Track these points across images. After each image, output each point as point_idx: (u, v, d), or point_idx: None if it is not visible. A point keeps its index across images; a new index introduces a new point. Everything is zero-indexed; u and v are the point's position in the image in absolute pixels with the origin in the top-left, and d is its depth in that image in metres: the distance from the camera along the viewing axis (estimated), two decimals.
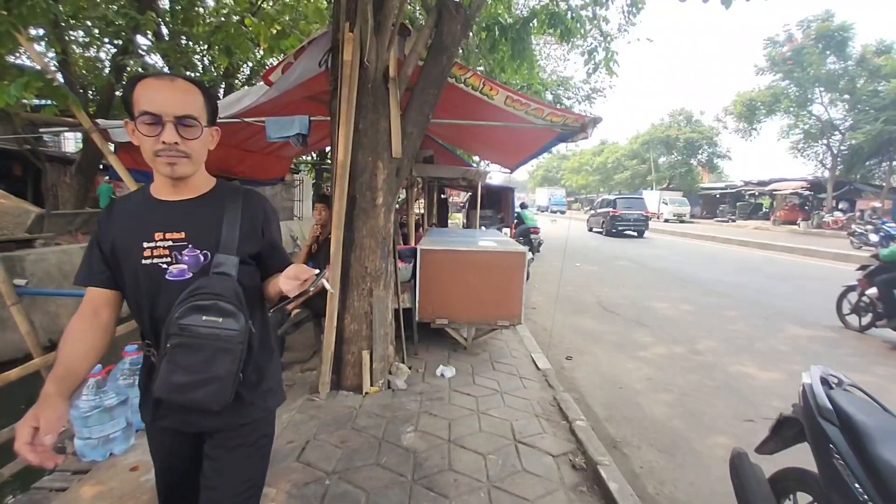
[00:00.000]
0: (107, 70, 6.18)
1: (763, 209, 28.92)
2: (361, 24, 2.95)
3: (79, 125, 3.50)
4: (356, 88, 3.00)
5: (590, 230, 21.30)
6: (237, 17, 5.69)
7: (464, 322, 4.02)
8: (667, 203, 29.45)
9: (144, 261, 1.10)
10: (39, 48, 4.89)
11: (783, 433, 1.66)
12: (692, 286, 8.18)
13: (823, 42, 20.19)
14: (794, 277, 9.10)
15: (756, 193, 29.07)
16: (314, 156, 9.07)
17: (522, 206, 11.24)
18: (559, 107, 9.88)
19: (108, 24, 4.51)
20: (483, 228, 7.97)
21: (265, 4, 6.49)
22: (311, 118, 3.40)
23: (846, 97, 20.65)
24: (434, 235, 5.31)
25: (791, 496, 1.67)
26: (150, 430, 1.24)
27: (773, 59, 22.02)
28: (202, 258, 1.12)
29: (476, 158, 10.16)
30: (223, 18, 5.86)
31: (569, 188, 50.51)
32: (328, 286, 1.09)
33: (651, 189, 34.25)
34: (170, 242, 1.11)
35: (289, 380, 3.48)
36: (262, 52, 6.58)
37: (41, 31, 4.70)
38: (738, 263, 11.10)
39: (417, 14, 6.54)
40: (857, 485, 1.23)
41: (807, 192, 24.22)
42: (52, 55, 5.33)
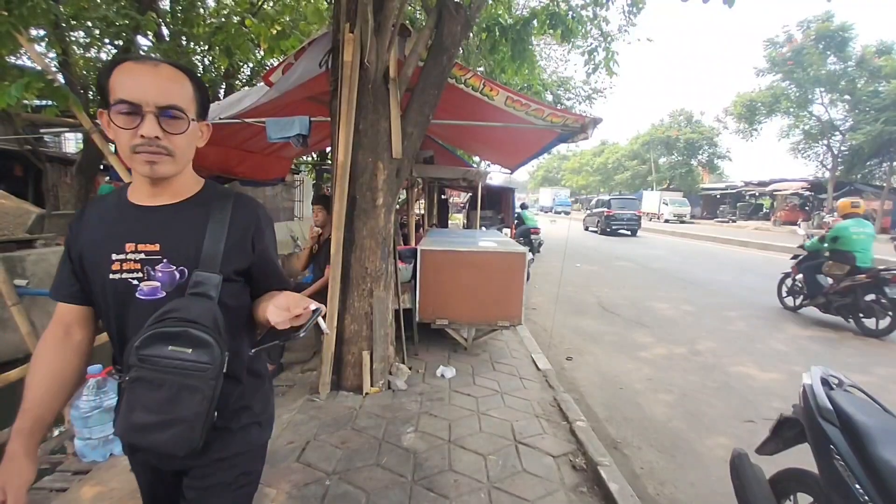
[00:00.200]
0: None
1: (763, 210, 28.91)
2: (362, 25, 2.95)
3: (79, 126, 3.51)
4: (356, 89, 3.00)
5: (586, 229, 21.92)
6: (237, 18, 5.69)
7: (464, 322, 4.02)
8: (667, 203, 29.47)
9: (112, 275, 0.96)
10: (40, 49, 4.89)
11: (783, 434, 1.66)
12: (692, 286, 8.18)
13: (823, 42, 20.20)
14: None
15: (756, 194, 29.07)
16: (314, 156, 9.07)
17: (523, 207, 11.24)
18: (559, 107, 9.90)
19: (109, 25, 4.52)
20: (483, 229, 7.97)
21: (265, 5, 6.50)
22: (312, 119, 3.40)
23: (846, 98, 20.64)
24: (434, 236, 5.31)
25: (791, 497, 1.67)
26: (130, 462, 1.13)
27: (773, 60, 22.02)
28: (178, 275, 0.97)
29: (476, 159, 10.17)
30: (223, 19, 5.86)
31: (569, 189, 50.35)
32: (324, 326, 0.95)
33: (651, 189, 34.28)
34: (142, 255, 0.96)
35: (289, 380, 3.49)
36: (263, 53, 6.59)
37: (42, 32, 4.71)
38: (739, 264, 11.09)
39: (418, 15, 6.55)
40: (858, 485, 1.23)
41: (807, 193, 24.22)
42: (53, 56, 5.34)
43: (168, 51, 5.46)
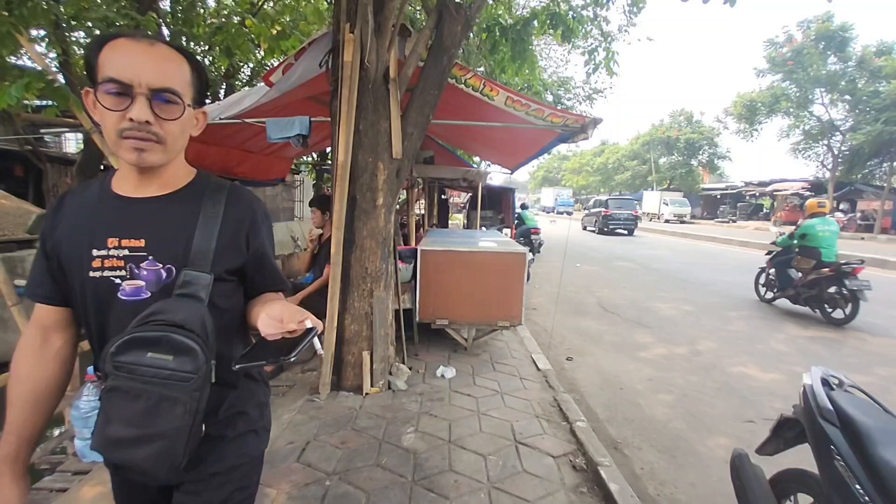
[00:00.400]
0: None
1: (764, 210, 28.90)
2: (362, 25, 2.95)
3: (80, 126, 3.51)
4: (356, 89, 3.00)
5: (584, 229, 22.44)
6: (238, 18, 5.70)
7: (464, 323, 4.02)
8: (667, 204, 29.50)
9: (92, 273, 0.87)
10: (40, 49, 4.90)
11: (784, 434, 1.66)
12: (693, 287, 8.18)
13: (823, 42, 20.20)
14: None
15: (757, 194, 29.07)
16: (315, 156, 9.07)
17: (523, 207, 11.25)
18: (559, 108, 9.90)
19: (110, 25, 4.51)
20: (483, 229, 7.97)
21: (266, 5, 6.51)
22: (312, 119, 3.40)
23: (847, 98, 20.63)
24: (434, 236, 5.31)
25: (792, 497, 1.67)
26: (112, 478, 1.02)
27: (773, 60, 22.01)
28: (164, 274, 0.89)
29: (476, 159, 10.17)
30: (224, 19, 5.86)
31: (571, 189, 50.10)
32: (318, 347, 0.85)
33: (652, 190, 34.28)
34: (125, 251, 0.88)
35: (289, 380, 3.49)
36: (263, 53, 6.60)
37: (42, 32, 4.71)
38: (739, 264, 11.08)
39: (418, 15, 6.55)
40: (858, 486, 1.22)
41: (808, 193, 24.17)
42: (53, 56, 5.34)
43: None
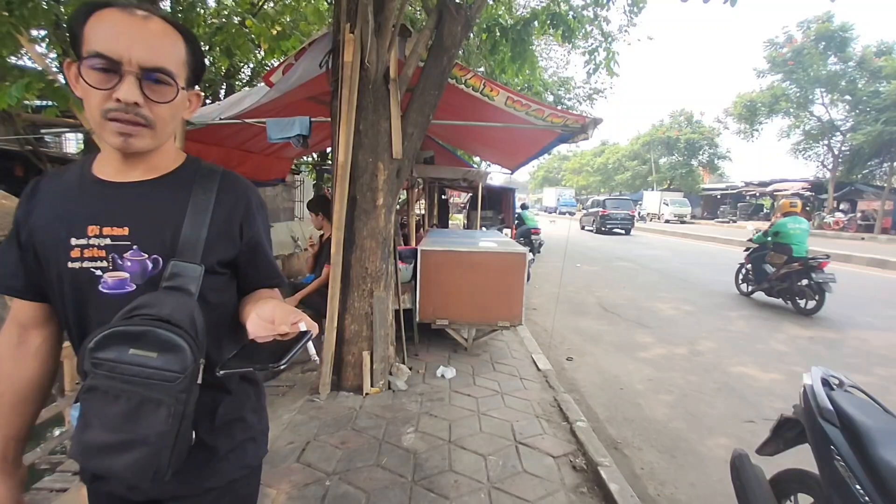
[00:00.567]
0: None
1: (764, 210, 28.89)
2: (362, 26, 2.95)
3: (80, 126, 3.51)
4: (357, 89, 3.00)
5: (582, 228, 22.83)
6: (238, 19, 5.70)
7: (464, 323, 4.02)
8: (668, 204, 29.51)
9: (71, 263, 0.80)
10: (41, 49, 4.90)
11: (784, 434, 1.66)
12: (693, 287, 8.17)
13: (824, 43, 20.20)
14: None
15: (757, 194, 29.05)
16: (315, 157, 9.07)
17: (523, 207, 11.25)
18: (560, 108, 9.90)
19: None
20: (484, 229, 7.97)
21: (266, 5, 6.51)
22: (312, 119, 3.40)
23: (847, 98, 20.63)
24: (435, 236, 5.31)
25: (792, 497, 1.67)
26: (89, 495, 0.92)
27: (774, 61, 22.01)
28: (150, 265, 0.82)
29: (477, 159, 10.16)
30: (224, 20, 5.86)
31: (574, 188, 49.65)
32: (313, 353, 0.80)
33: (652, 190, 34.28)
34: (107, 240, 0.81)
35: (289, 380, 3.49)
36: (263, 54, 6.60)
37: (42, 33, 4.72)
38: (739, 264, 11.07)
39: (418, 15, 6.55)
40: (858, 486, 1.22)
41: (808, 193, 24.20)
42: (54, 56, 5.34)
43: None
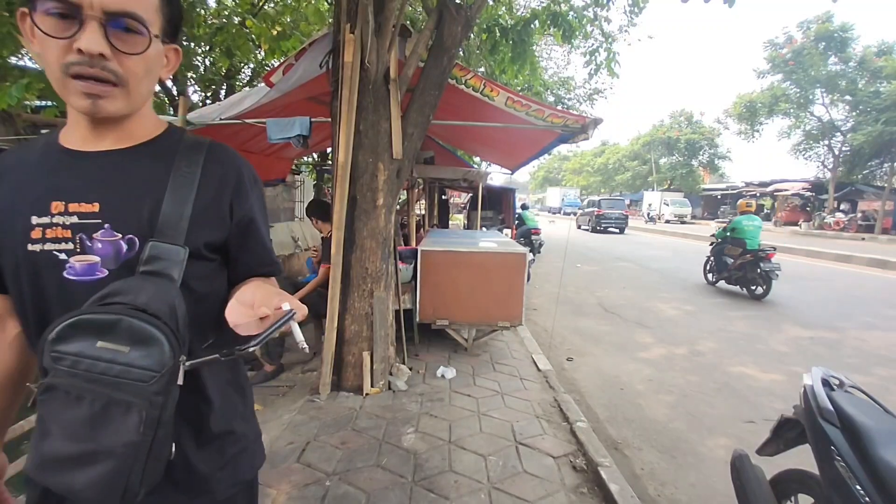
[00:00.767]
0: None
1: (764, 210, 28.90)
2: (362, 26, 2.95)
3: None
4: (357, 90, 3.00)
5: (578, 227, 23.41)
6: (238, 19, 5.70)
7: (464, 323, 4.02)
8: (668, 204, 29.50)
9: (31, 245, 0.68)
10: None
11: (784, 435, 1.66)
12: (693, 287, 8.18)
13: (824, 43, 20.20)
14: (795, 278, 9.07)
15: (757, 194, 29.03)
16: (315, 157, 9.07)
17: (523, 207, 11.25)
18: (560, 108, 9.90)
19: None
20: (484, 229, 7.97)
21: (266, 6, 6.51)
22: (312, 119, 3.40)
23: (847, 98, 20.63)
24: (435, 236, 5.31)
25: (792, 498, 1.67)
26: None
27: (774, 61, 22.02)
28: (124, 246, 0.70)
29: (477, 159, 10.16)
30: (224, 20, 5.87)
31: (578, 188, 49.00)
32: (300, 338, 0.67)
33: (652, 190, 34.27)
34: (74, 218, 0.69)
35: (289, 380, 3.49)
36: (263, 54, 6.60)
37: None
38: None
39: (418, 15, 6.55)
40: (859, 486, 1.22)
41: (808, 194, 24.21)
42: None
43: None
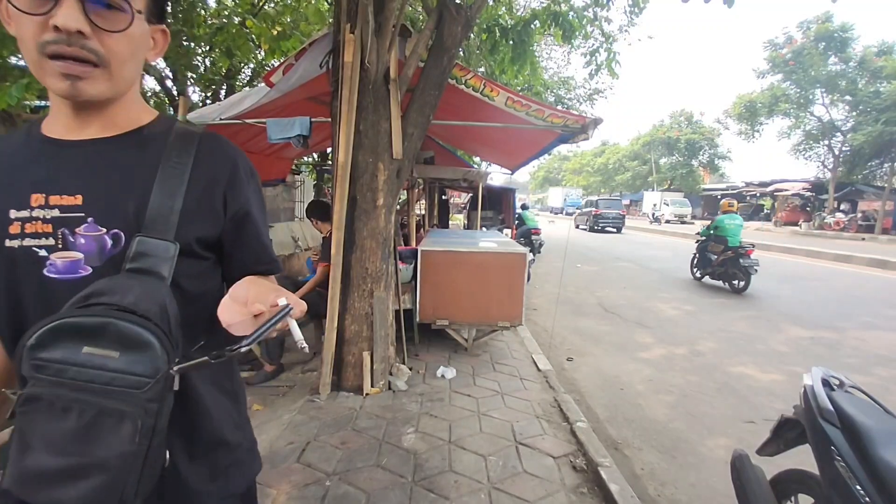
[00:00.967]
0: None
1: (764, 210, 28.90)
2: (362, 26, 2.95)
3: None
4: (357, 90, 3.00)
5: (576, 227, 23.66)
6: (238, 19, 5.70)
7: (464, 323, 4.02)
8: (668, 204, 29.51)
9: (9, 241, 0.64)
10: None
11: (784, 435, 1.66)
12: (693, 287, 8.18)
13: (824, 43, 20.21)
14: (796, 278, 9.08)
15: (757, 194, 29.06)
16: (315, 157, 9.07)
17: (524, 208, 11.25)
18: (560, 108, 9.90)
19: None
20: (484, 229, 7.97)
21: (266, 6, 6.51)
22: (312, 119, 3.41)
23: (847, 98, 20.64)
24: (435, 236, 5.31)
25: (792, 498, 1.67)
26: None
27: (774, 61, 22.03)
28: (109, 242, 0.66)
29: (477, 159, 10.16)
30: (224, 20, 5.87)
31: (581, 188, 48.03)
32: (298, 336, 0.62)
33: (652, 190, 34.28)
34: (55, 212, 0.65)
35: (290, 380, 3.49)
36: (263, 54, 6.61)
37: None
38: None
39: (418, 15, 6.55)
40: (859, 486, 1.22)
41: (808, 194, 24.21)
42: None
43: (169, 51, 5.47)
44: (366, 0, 2.91)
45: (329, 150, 7.28)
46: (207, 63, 7.04)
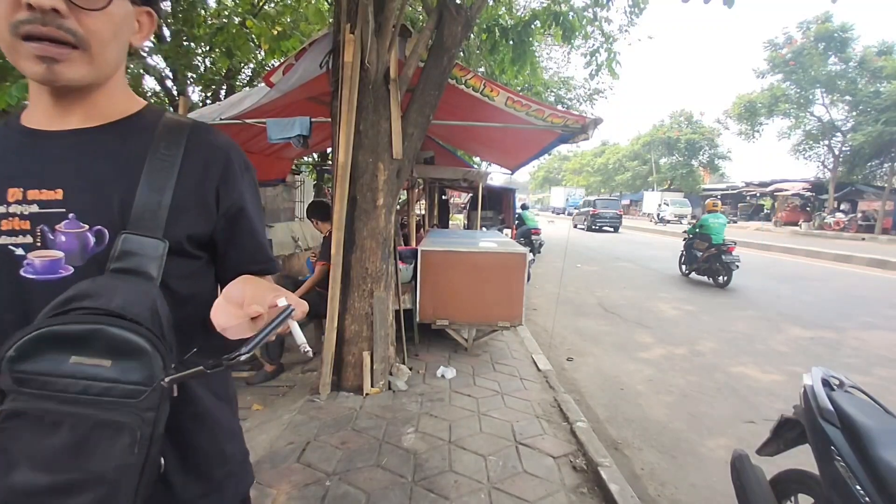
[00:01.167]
0: None
1: (764, 210, 28.88)
2: (362, 26, 2.95)
3: None
4: (357, 90, 3.00)
5: (574, 227, 24.05)
6: (238, 19, 5.71)
7: (464, 323, 4.02)
8: (668, 204, 29.50)
9: None
10: None
11: (784, 435, 1.66)
12: (692, 287, 8.18)
13: (824, 43, 20.21)
14: (795, 278, 9.09)
15: (757, 194, 29.05)
16: (315, 157, 9.08)
17: (523, 208, 11.25)
18: (560, 108, 9.90)
19: None
20: (484, 229, 7.97)
21: (266, 6, 6.52)
22: (312, 119, 3.41)
23: (847, 98, 20.64)
24: (435, 236, 5.31)
25: (792, 498, 1.67)
26: None
27: (774, 61, 22.03)
28: (92, 239, 0.62)
29: (477, 159, 10.17)
30: (225, 20, 5.87)
31: (584, 188, 47.39)
32: (300, 339, 0.59)
33: (652, 190, 34.28)
34: (34, 207, 0.61)
35: (289, 380, 3.49)
36: (264, 54, 6.61)
37: None
38: (740, 265, 11.07)
39: (418, 15, 6.55)
40: (859, 486, 1.22)
41: (808, 194, 24.21)
42: None
43: (168, 51, 5.47)
44: (366, 0, 2.92)
45: (329, 150, 7.28)
46: (207, 63, 7.05)
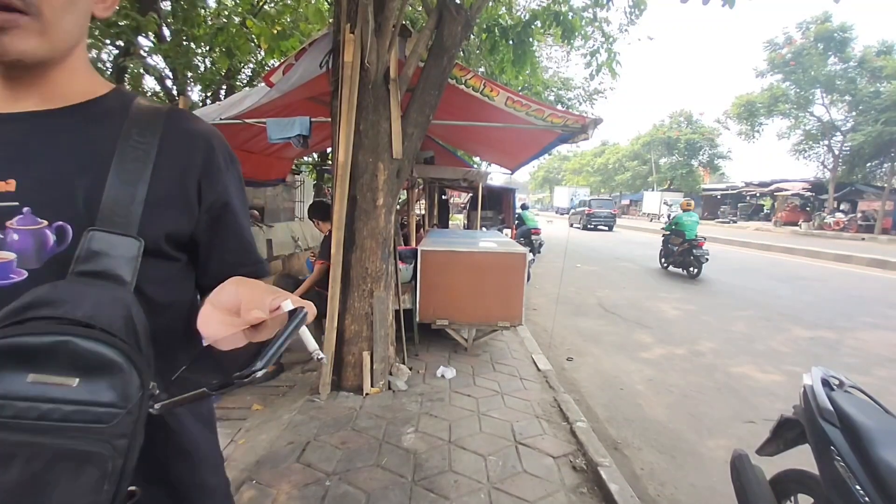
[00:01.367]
0: (108, 72, 6.20)
1: (764, 210, 28.89)
2: (362, 26, 2.95)
3: None
4: (357, 89, 3.00)
5: (570, 226, 24.61)
6: (238, 19, 5.71)
7: (464, 323, 4.02)
8: (668, 204, 29.51)
9: None
10: None
11: (784, 435, 1.66)
12: (692, 287, 8.17)
13: (823, 43, 20.22)
14: (795, 278, 9.09)
15: (757, 194, 29.05)
16: (315, 157, 9.08)
17: (523, 207, 11.24)
18: (560, 107, 9.91)
19: (110, 26, 4.52)
20: (484, 229, 7.97)
21: (266, 6, 6.52)
22: (312, 119, 3.41)
23: (847, 98, 20.64)
24: (435, 236, 5.31)
25: (792, 498, 1.67)
26: None
27: (774, 61, 22.03)
28: (51, 237, 0.53)
29: (477, 159, 10.17)
30: (225, 20, 5.87)
31: (588, 188, 46.28)
32: (312, 346, 0.48)
33: (652, 190, 34.29)
34: None
35: (289, 380, 3.49)
36: (263, 54, 6.61)
37: None
38: (739, 264, 11.08)
39: (418, 15, 6.56)
40: (858, 486, 1.22)
41: (808, 194, 24.22)
42: None
43: (168, 51, 5.47)
44: (366, 0, 2.92)
45: (329, 150, 7.28)
46: (207, 63, 7.05)
